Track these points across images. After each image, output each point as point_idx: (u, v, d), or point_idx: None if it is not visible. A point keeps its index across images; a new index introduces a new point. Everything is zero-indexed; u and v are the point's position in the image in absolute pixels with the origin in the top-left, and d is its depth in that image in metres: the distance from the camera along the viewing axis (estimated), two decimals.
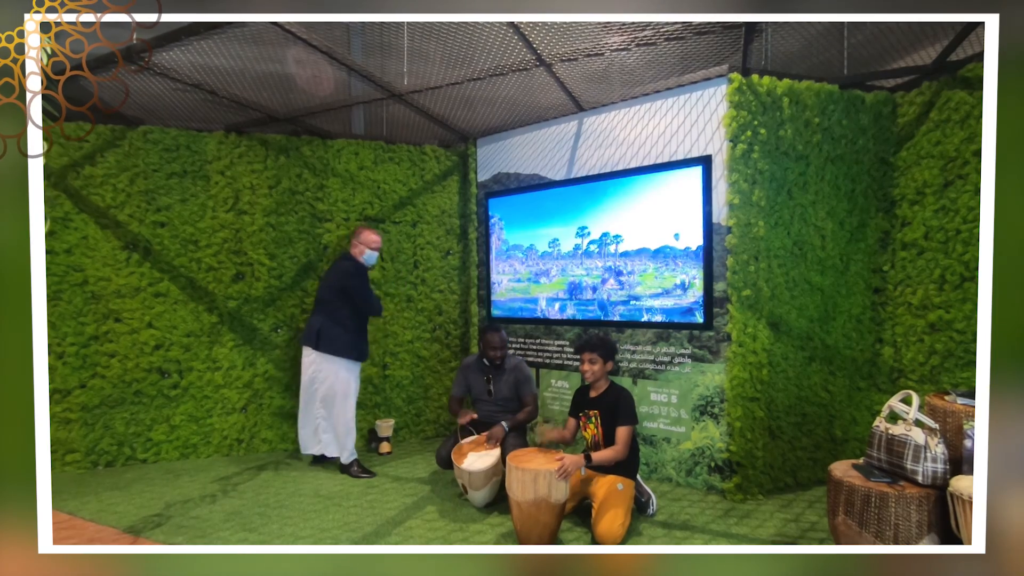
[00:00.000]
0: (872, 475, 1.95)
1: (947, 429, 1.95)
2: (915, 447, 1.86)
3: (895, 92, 3.24)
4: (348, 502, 3.02)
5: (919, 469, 1.85)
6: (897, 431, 1.94)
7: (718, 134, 3.01)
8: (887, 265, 3.25)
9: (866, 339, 3.27)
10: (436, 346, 4.34)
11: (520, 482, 2.40)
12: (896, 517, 1.84)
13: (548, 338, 3.81)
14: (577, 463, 2.42)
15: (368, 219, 4.17)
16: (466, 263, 4.36)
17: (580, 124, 3.62)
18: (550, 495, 2.37)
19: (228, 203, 3.87)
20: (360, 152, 4.14)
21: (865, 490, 1.90)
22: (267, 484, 3.31)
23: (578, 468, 2.44)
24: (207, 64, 2.96)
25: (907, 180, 3.18)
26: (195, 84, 3.13)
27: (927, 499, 1.83)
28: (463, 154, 4.36)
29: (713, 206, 3.03)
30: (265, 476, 3.47)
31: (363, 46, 3.28)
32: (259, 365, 3.94)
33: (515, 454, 2.58)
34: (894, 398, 2.04)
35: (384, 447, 3.91)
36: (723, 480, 2.99)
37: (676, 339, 3.18)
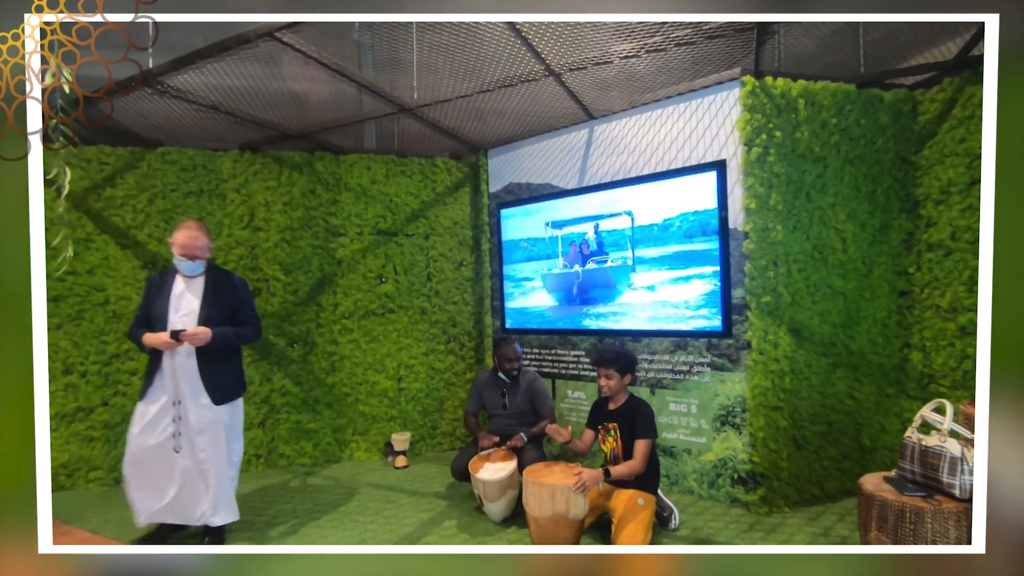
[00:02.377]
0: (906, 489, 1.86)
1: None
2: (951, 459, 1.78)
3: (915, 90, 3.16)
4: (364, 517, 2.99)
5: (956, 482, 1.76)
6: (931, 442, 1.85)
7: (732, 138, 2.96)
8: (913, 267, 3.14)
9: (893, 344, 3.16)
10: (451, 358, 4.33)
11: (537, 497, 2.36)
12: (933, 533, 1.75)
13: (564, 348, 3.76)
14: (595, 477, 2.37)
15: (381, 232, 4.19)
16: (479, 274, 4.34)
17: (591, 132, 3.59)
18: (568, 510, 2.32)
19: (244, 220, 3.92)
20: (372, 166, 4.17)
21: (899, 505, 1.81)
22: (283, 499, 3.31)
23: (596, 483, 2.39)
24: (220, 84, 3.01)
25: (931, 179, 3.08)
26: (210, 105, 3.19)
27: (966, 514, 1.74)
28: (474, 165, 4.36)
29: (729, 211, 2.97)
30: (281, 491, 3.47)
31: (373, 62, 3.32)
32: (276, 380, 3.97)
33: (532, 469, 2.54)
34: (926, 407, 1.96)
35: (400, 461, 3.89)
36: (747, 492, 2.90)
37: (694, 347, 3.11)
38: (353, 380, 4.12)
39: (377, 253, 4.17)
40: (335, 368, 4.08)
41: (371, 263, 4.16)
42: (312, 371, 4.04)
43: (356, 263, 4.13)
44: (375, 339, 4.16)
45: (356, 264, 4.13)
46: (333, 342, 4.08)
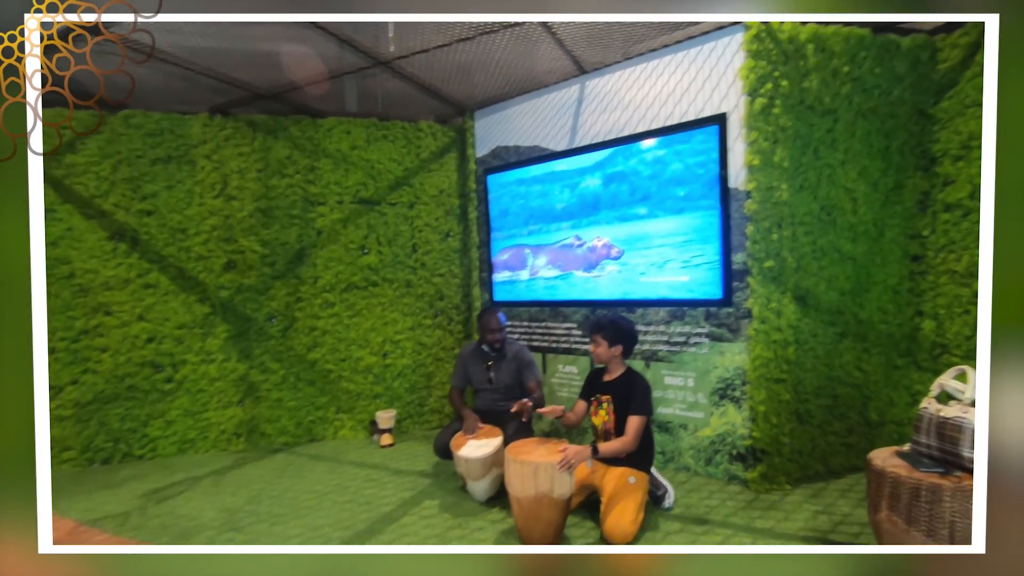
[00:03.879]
0: (921, 464, 1.68)
1: None
2: (973, 432, 1.59)
3: (935, 35, 2.89)
4: (343, 497, 2.85)
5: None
6: (951, 413, 1.66)
7: (734, 89, 2.71)
8: (927, 230, 2.92)
9: (904, 312, 2.96)
10: (438, 332, 4.15)
11: (519, 476, 2.19)
12: (952, 514, 1.58)
13: (554, 321, 3.57)
14: (582, 454, 2.20)
15: (363, 201, 3.97)
16: (467, 244, 4.13)
17: (582, 88, 3.34)
18: (552, 490, 2.16)
19: (216, 188, 3.70)
20: (352, 131, 3.93)
21: (914, 482, 1.63)
22: (262, 479, 3.17)
23: (583, 460, 2.22)
24: (187, 42, 2.77)
25: (949, 134, 2.84)
26: (176, 64, 2.95)
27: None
28: (460, 129, 4.11)
29: (730, 169, 2.74)
30: (261, 471, 3.32)
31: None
32: (255, 356, 3.80)
33: (514, 446, 2.37)
34: (945, 375, 1.77)
35: (385, 439, 3.74)
36: (746, 469, 2.73)
37: (692, 317, 2.92)
38: (336, 356, 3.95)
39: (359, 223, 3.96)
40: (317, 344, 3.91)
41: (352, 234, 3.95)
42: (292, 347, 3.86)
43: (337, 234, 3.92)
44: (358, 313, 3.98)
45: (337, 235, 3.92)
46: (314, 316, 3.90)
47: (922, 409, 1.78)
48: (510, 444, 2.40)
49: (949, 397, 1.76)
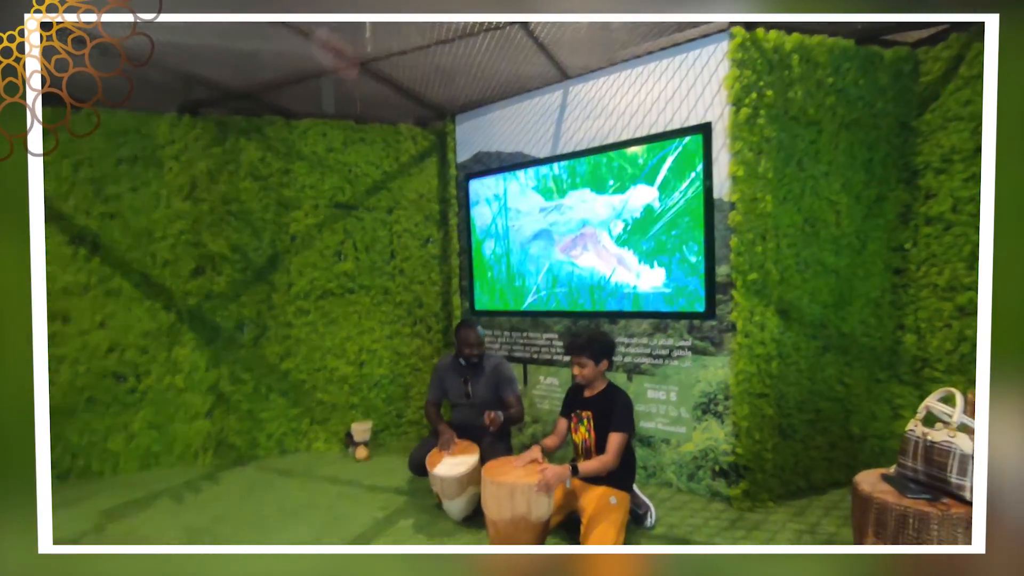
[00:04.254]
0: (908, 490, 1.64)
1: None
2: (961, 457, 1.55)
3: (917, 48, 2.88)
4: (314, 516, 2.73)
5: (966, 484, 1.54)
6: (938, 437, 1.62)
7: (719, 98, 2.67)
8: (909, 243, 2.91)
9: (886, 325, 2.94)
10: (417, 341, 4.04)
11: (495, 498, 2.10)
12: (939, 541, 1.53)
13: (535, 331, 3.49)
14: (561, 475, 2.12)
15: (339, 205, 3.84)
16: (447, 251, 4.03)
17: (566, 94, 3.27)
18: (530, 512, 2.07)
19: (184, 191, 3.55)
20: (328, 133, 3.80)
21: (900, 508, 1.58)
22: (229, 496, 3.02)
23: (562, 481, 2.14)
24: (155, 38, 2.62)
25: (931, 146, 2.83)
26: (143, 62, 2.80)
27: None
28: (440, 133, 4.01)
29: (714, 180, 2.69)
30: (228, 487, 3.18)
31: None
32: (224, 367, 3.64)
33: (491, 465, 2.28)
34: (931, 397, 1.72)
35: (361, 452, 3.62)
36: (729, 486, 2.68)
37: (675, 329, 2.86)
38: (310, 366, 3.81)
39: (335, 228, 3.83)
40: (290, 353, 3.77)
41: (328, 239, 3.82)
42: (264, 356, 3.72)
43: (312, 239, 3.79)
44: (334, 321, 3.85)
45: (312, 240, 3.79)
46: (287, 325, 3.76)
47: (908, 431, 1.74)
48: (487, 463, 2.31)
49: (935, 420, 1.71)
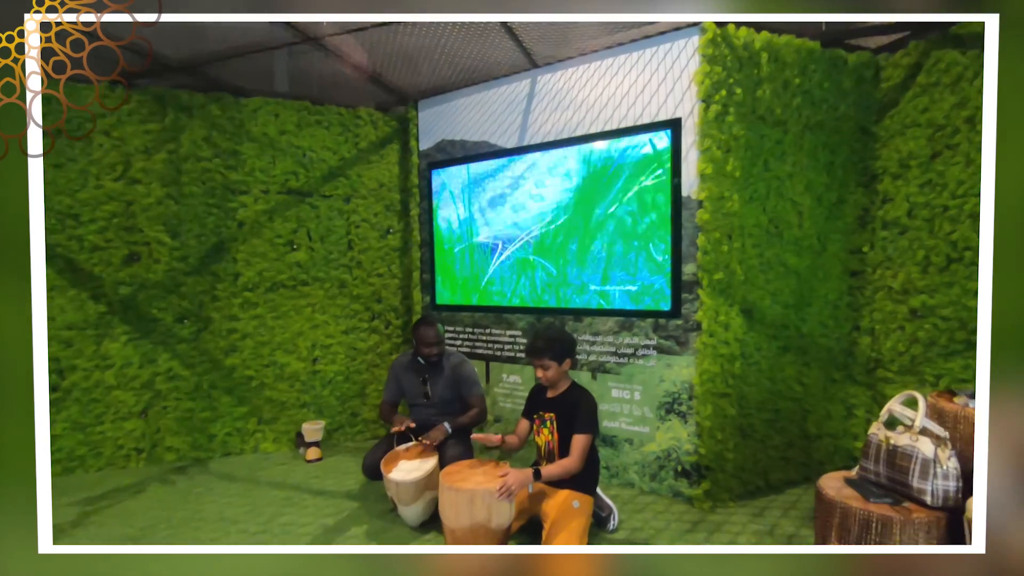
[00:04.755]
0: (871, 495, 1.63)
1: (957, 438, 1.64)
2: (923, 461, 1.54)
3: (879, 54, 2.93)
4: (255, 526, 2.54)
5: (927, 488, 1.53)
6: (901, 441, 1.62)
7: (689, 94, 2.62)
8: (866, 246, 2.97)
9: (843, 327, 2.99)
10: (375, 337, 3.86)
11: (453, 505, 1.99)
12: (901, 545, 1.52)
13: (499, 327, 3.39)
14: (523, 480, 2.03)
15: (292, 192, 3.61)
16: (407, 243, 3.86)
17: (533, 83, 3.16)
18: (490, 520, 1.97)
19: (117, 170, 3.24)
20: (281, 113, 3.56)
21: (864, 513, 1.57)
22: (163, 503, 2.78)
23: (524, 486, 2.05)
24: None
25: (889, 152, 2.88)
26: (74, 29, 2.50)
27: (936, 524, 1.52)
28: (403, 118, 3.83)
29: (683, 177, 2.65)
30: (163, 493, 2.93)
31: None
32: (161, 362, 3.36)
33: (449, 470, 2.16)
34: (894, 400, 1.72)
35: (312, 453, 3.42)
36: (691, 486, 2.66)
37: (640, 328, 2.81)
38: (258, 362, 3.58)
39: (287, 216, 3.60)
40: (235, 348, 3.52)
41: (280, 227, 3.58)
42: (206, 351, 3.46)
43: (261, 226, 3.55)
44: (284, 315, 3.62)
45: (261, 228, 3.55)
46: (232, 318, 3.51)
47: (871, 434, 1.73)
48: (445, 468, 2.19)
49: (896, 423, 1.71)
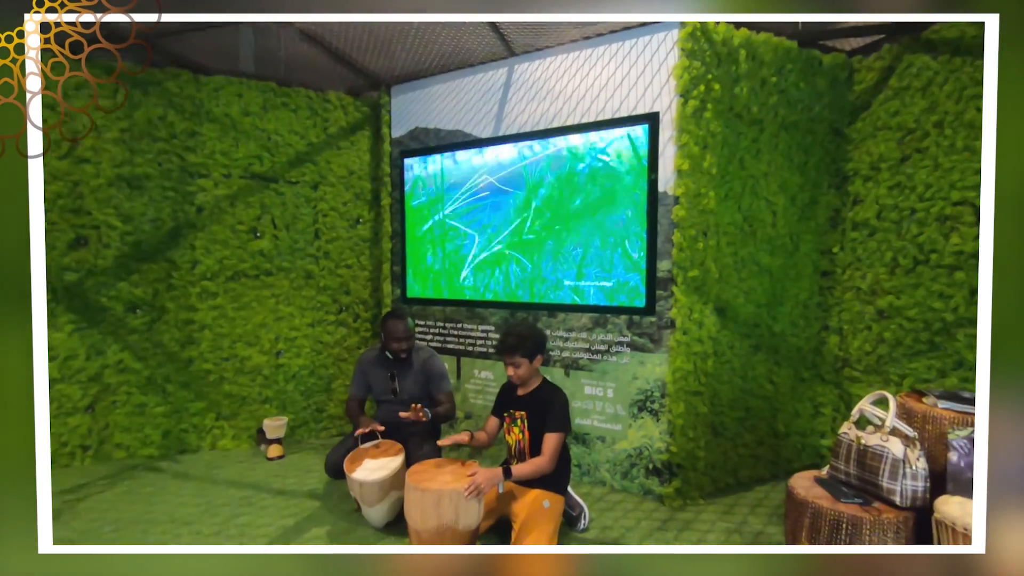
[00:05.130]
0: (841, 494, 1.62)
1: (926, 438, 1.65)
2: (892, 461, 1.54)
3: (853, 56, 2.96)
4: (210, 527, 2.40)
5: (896, 488, 1.53)
6: (872, 441, 1.61)
7: (667, 88, 2.59)
8: (836, 246, 3.00)
9: (812, 326, 3.02)
10: (342, 331, 3.73)
11: (419, 506, 1.91)
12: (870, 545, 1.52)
13: (471, 322, 3.31)
14: (492, 479, 1.96)
15: (256, 177, 3.44)
16: (378, 234, 3.74)
17: (510, 72, 3.08)
18: (458, 521, 1.90)
19: (62, 148, 3.02)
20: (245, 94, 3.38)
21: (835, 514, 1.56)
22: (109, 505, 2.61)
23: (493, 485, 1.98)
24: None
25: (861, 154, 2.92)
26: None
27: (905, 525, 1.53)
28: (375, 104, 3.70)
29: (660, 172, 2.62)
30: (110, 494, 2.76)
31: None
32: (110, 354, 3.17)
33: (415, 469, 2.08)
34: (865, 400, 1.72)
35: (273, 450, 3.28)
36: (662, 484, 2.64)
37: (614, 325, 2.78)
38: (217, 355, 3.41)
39: (250, 202, 3.43)
40: (192, 340, 3.35)
41: (242, 213, 3.41)
42: (161, 343, 3.27)
43: (222, 212, 3.37)
44: (246, 306, 3.46)
45: (222, 214, 3.37)
46: (190, 308, 3.33)
47: (841, 434, 1.73)
48: (411, 467, 2.11)
49: (866, 423, 1.71)
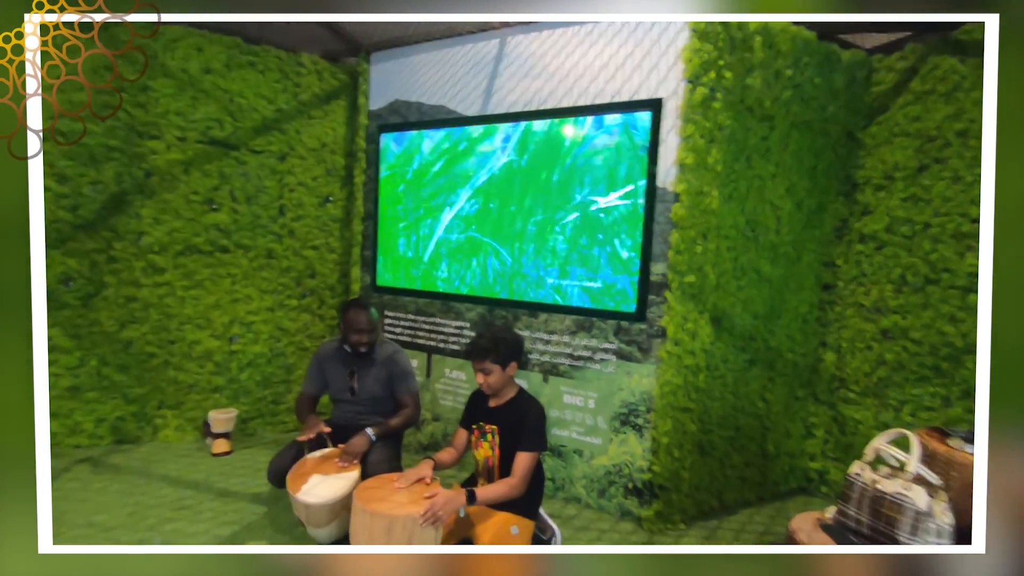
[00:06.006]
0: (848, 542, 1.41)
1: (950, 486, 1.45)
2: (915, 514, 1.34)
3: (873, 54, 2.74)
4: (134, 533, 2.12)
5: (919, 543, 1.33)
6: (889, 488, 1.40)
7: (674, 72, 2.33)
8: (841, 259, 2.81)
9: (810, 342, 2.84)
10: (305, 316, 3.43)
11: (368, 531, 1.66)
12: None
13: (445, 316, 3.04)
14: (453, 504, 1.71)
15: (215, 142, 3.10)
16: (349, 214, 3.44)
17: (502, 45, 2.80)
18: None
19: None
20: (206, 48, 3.03)
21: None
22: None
23: (454, 510, 1.74)
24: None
25: (874, 161, 2.72)
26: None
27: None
28: (352, 72, 3.38)
29: (660, 165, 2.37)
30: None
31: None
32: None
33: (366, 486, 1.82)
34: (880, 438, 1.51)
35: (219, 446, 2.99)
36: (641, 506, 2.44)
37: (600, 330, 2.54)
38: (162, 337, 3.09)
39: (207, 170, 3.10)
40: (135, 319, 3.02)
41: (197, 182, 3.08)
42: (98, 321, 2.94)
43: (175, 179, 3.03)
44: (198, 284, 3.14)
45: (174, 181, 3.03)
46: (133, 284, 3.00)
47: (853, 475, 1.52)
48: (361, 484, 1.85)
49: (881, 462, 1.50)
